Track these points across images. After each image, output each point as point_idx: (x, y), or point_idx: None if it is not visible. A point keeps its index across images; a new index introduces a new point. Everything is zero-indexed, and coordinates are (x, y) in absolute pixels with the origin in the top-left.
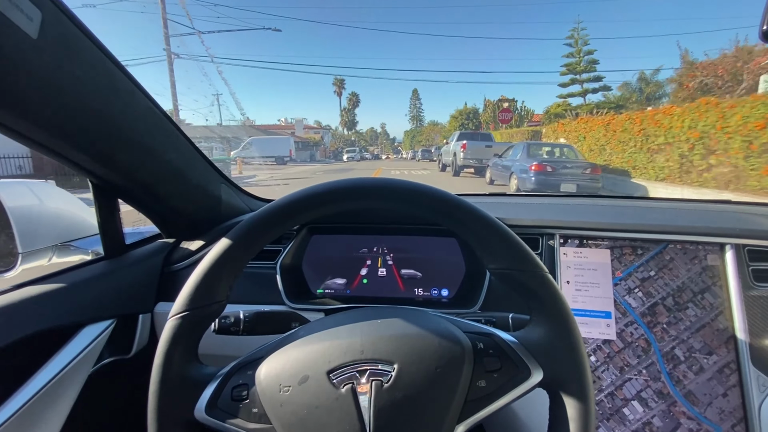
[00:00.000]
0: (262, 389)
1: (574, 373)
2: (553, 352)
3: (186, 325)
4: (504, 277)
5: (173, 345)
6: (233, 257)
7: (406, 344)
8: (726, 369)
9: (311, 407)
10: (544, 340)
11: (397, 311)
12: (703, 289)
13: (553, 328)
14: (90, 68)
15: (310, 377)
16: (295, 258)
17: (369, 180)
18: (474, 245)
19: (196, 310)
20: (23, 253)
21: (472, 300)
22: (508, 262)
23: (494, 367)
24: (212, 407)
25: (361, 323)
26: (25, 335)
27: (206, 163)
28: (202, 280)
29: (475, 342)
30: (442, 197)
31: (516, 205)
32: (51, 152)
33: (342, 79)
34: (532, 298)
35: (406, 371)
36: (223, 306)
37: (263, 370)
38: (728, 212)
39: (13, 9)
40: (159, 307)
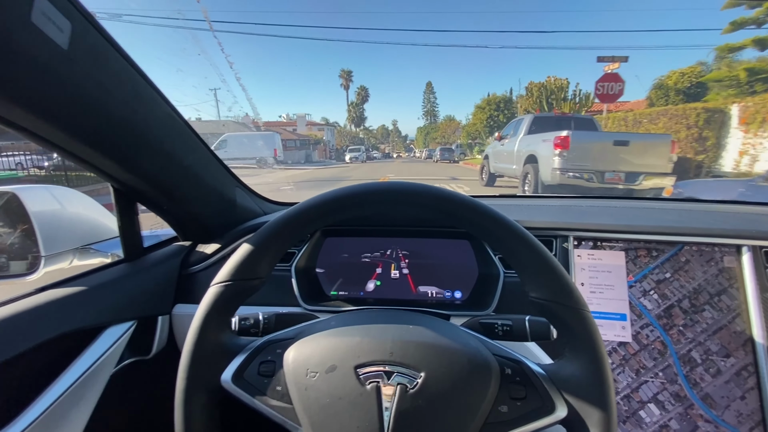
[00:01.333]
0: (289, 370)
1: (601, 418)
2: (582, 393)
3: (227, 293)
4: (543, 307)
5: (211, 311)
6: (281, 237)
7: (435, 355)
8: (744, 371)
9: (335, 397)
10: (574, 379)
11: (430, 320)
12: (720, 291)
13: (586, 368)
14: (116, 77)
15: (338, 368)
16: (310, 260)
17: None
18: (517, 269)
19: (238, 281)
20: (46, 256)
21: (485, 302)
22: (550, 294)
23: (519, 395)
24: (238, 377)
25: (394, 325)
26: (52, 337)
27: (222, 167)
28: (250, 254)
29: (503, 367)
30: (495, 218)
31: (529, 207)
32: (77, 158)
33: (349, 71)
34: (569, 334)
35: (432, 382)
36: (263, 283)
37: (293, 352)
38: (744, 213)
39: (46, 21)
40: (177, 308)
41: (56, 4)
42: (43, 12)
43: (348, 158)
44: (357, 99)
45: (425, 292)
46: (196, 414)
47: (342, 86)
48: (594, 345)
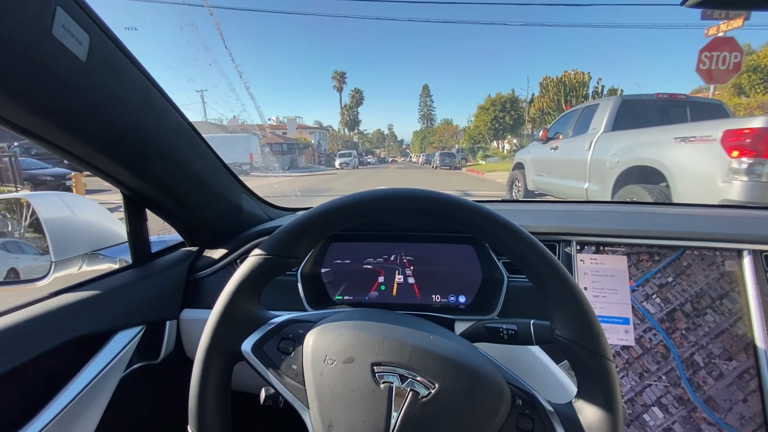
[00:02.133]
0: (308, 352)
1: None
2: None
3: (264, 266)
4: (566, 347)
5: (246, 280)
6: (323, 224)
7: (452, 370)
8: (746, 374)
9: (347, 388)
10: (584, 424)
11: (451, 335)
12: (722, 295)
13: (598, 416)
14: (130, 87)
15: (355, 360)
16: (315, 265)
17: (460, 201)
18: (547, 304)
19: (276, 257)
20: (56, 261)
21: (490, 306)
22: (576, 336)
23: (526, 427)
24: (258, 348)
25: (415, 331)
26: (64, 341)
27: (229, 173)
28: (293, 233)
29: (515, 396)
30: (535, 248)
31: (532, 212)
32: (90, 165)
33: (343, 72)
34: (587, 378)
35: (444, 396)
36: (298, 263)
37: (314, 335)
38: (745, 217)
39: (66, 34)
40: (184, 313)
41: (75, 17)
42: (63, 25)
43: (338, 164)
44: (351, 102)
45: (430, 296)
46: (213, 374)
47: (335, 88)
48: (611, 396)
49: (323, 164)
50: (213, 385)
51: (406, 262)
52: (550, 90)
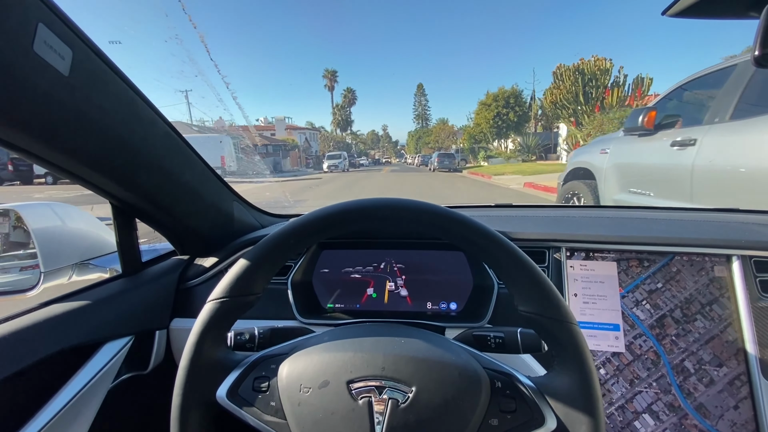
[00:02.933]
0: (283, 385)
1: (589, 430)
2: (571, 405)
3: (223, 310)
4: (532, 321)
5: (208, 327)
6: (276, 254)
7: (426, 369)
8: (737, 381)
9: (327, 412)
10: (563, 391)
11: (421, 333)
12: (711, 300)
13: (574, 381)
14: (115, 100)
15: (330, 383)
16: (306, 273)
17: (413, 203)
18: (506, 283)
19: (234, 298)
20: (45, 272)
21: (480, 314)
22: (539, 308)
23: (509, 408)
24: (233, 393)
25: (385, 339)
26: (51, 353)
27: (219, 182)
28: (245, 271)
29: (493, 380)
30: (483, 232)
31: (522, 218)
32: (77, 177)
33: (334, 71)
34: (557, 347)
35: (423, 396)
36: (258, 299)
37: (286, 367)
38: (735, 222)
39: (47, 50)
40: (175, 323)
41: (58, 32)
42: (45, 41)
43: (326, 166)
44: (343, 101)
45: (421, 304)
46: (191, 430)
47: (326, 87)
48: (582, 358)
49: (311, 167)
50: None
51: (397, 269)
52: (566, 80)
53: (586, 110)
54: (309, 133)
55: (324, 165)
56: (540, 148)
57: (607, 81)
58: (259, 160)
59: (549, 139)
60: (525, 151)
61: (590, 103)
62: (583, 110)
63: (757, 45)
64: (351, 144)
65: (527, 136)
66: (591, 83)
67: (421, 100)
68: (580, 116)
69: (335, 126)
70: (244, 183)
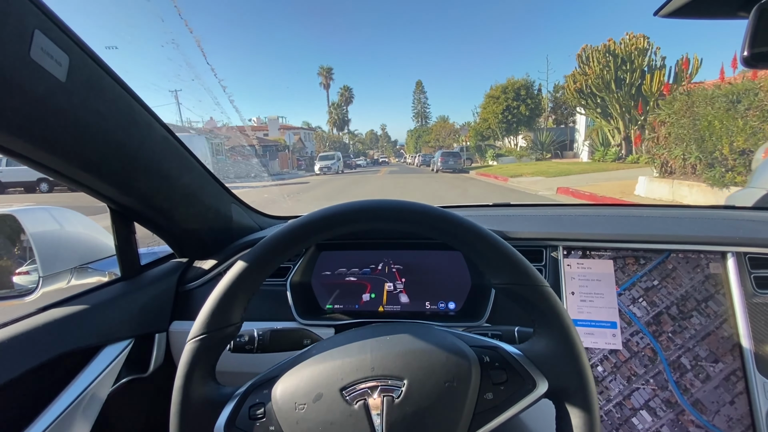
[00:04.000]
0: (278, 407)
1: (578, 382)
2: (557, 363)
3: (204, 347)
4: (507, 291)
5: (192, 367)
6: (247, 280)
7: (414, 360)
8: (732, 376)
9: (326, 423)
10: (547, 352)
11: (405, 326)
12: (707, 297)
13: (556, 339)
14: (112, 104)
15: (324, 395)
16: (305, 275)
17: (375, 202)
18: (477, 262)
19: (213, 332)
20: (44, 276)
21: (478, 313)
22: (510, 277)
23: (500, 379)
24: (230, 427)
25: (371, 340)
26: (51, 357)
27: (217, 184)
28: (218, 303)
29: (481, 355)
30: (443, 217)
31: (520, 217)
32: (75, 182)
33: (329, 68)
34: (534, 311)
35: (416, 386)
36: (238, 328)
37: (279, 389)
38: (729, 219)
39: (44, 57)
40: (174, 326)
41: (54, 39)
42: (42, 48)
43: (317, 168)
44: (340, 100)
45: (420, 304)
46: None
47: (321, 85)
48: (558, 316)
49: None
50: None
51: (395, 270)
52: (594, 63)
53: (619, 98)
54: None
55: (316, 167)
56: (555, 145)
57: (644, 63)
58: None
59: (564, 134)
60: (538, 149)
61: (623, 90)
62: (615, 99)
63: (745, 45)
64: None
65: (540, 132)
66: (624, 66)
67: (420, 98)
68: (610, 106)
69: (331, 125)
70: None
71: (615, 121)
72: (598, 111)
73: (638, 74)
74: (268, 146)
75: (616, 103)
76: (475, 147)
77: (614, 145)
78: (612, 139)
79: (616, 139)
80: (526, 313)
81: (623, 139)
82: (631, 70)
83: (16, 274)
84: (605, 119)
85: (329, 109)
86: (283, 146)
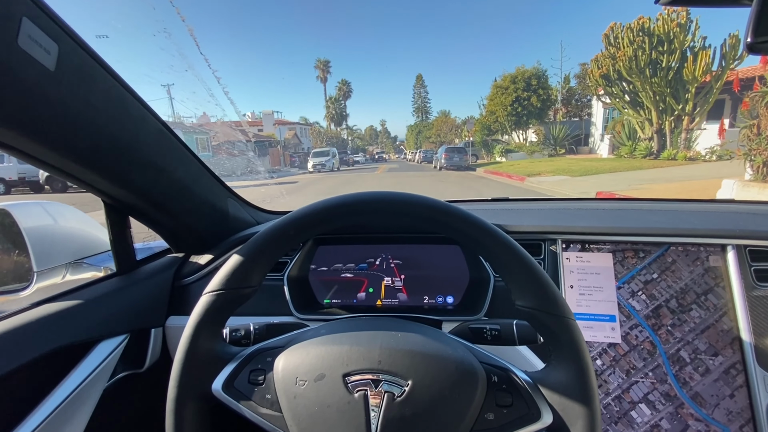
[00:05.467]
0: (279, 378)
1: (585, 425)
2: (567, 400)
3: (219, 302)
4: (530, 316)
5: (204, 319)
6: (272, 247)
7: (422, 363)
8: (732, 370)
9: (323, 405)
10: (559, 386)
11: (418, 327)
12: (707, 290)
13: (571, 375)
14: (104, 95)
15: (326, 376)
16: (302, 269)
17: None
18: (504, 277)
19: (230, 290)
20: (38, 271)
21: (477, 307)
22: (536, 302)
23: (505, 402)
24: (229, 386)
25: (382, 333)
26: (44, 352)
27: (213, 178)
28: (242, 263)
29: (490, 374)
30: (483, 228)
31: (518, 210)
32: (67, 175)
33: (326, 61)
34: (554, 341)
35: (419, 390)
36: (255, 291)
37: (282, 360)
38: (729, 212)
39: (33, 45)
40: (170, 321)
41: (43, 27)
42: (30, 36)
43: (311, 166)
44: (338, 94)
45: (419, 298)
46: (187, 422)
47: (318, 78)
48: (579, 353)
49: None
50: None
51: (394, 264)
52: (625, 44)
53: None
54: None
55: (309, 164)
56: (569, 140)
57: (686, 42)
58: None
59: (579, 128)
60: (550, 144)
61: (658, 75)
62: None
63: (749, 32)
64: (347, 140)
65: (553, 125)
66: (660, 47)
67: (420, 92)
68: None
69: (329, 120)
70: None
71: (646, 112)
72: (626, 100)
73: (677, 56)
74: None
75: (650, 90)
76: (481, 142)
77: (644, 139)
78: (641, 132)
79: (647, 131)
80: (545, 340)
81: (655, 132)
82: (669, 52)
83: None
84: (634, 109)
85: (326, 104)
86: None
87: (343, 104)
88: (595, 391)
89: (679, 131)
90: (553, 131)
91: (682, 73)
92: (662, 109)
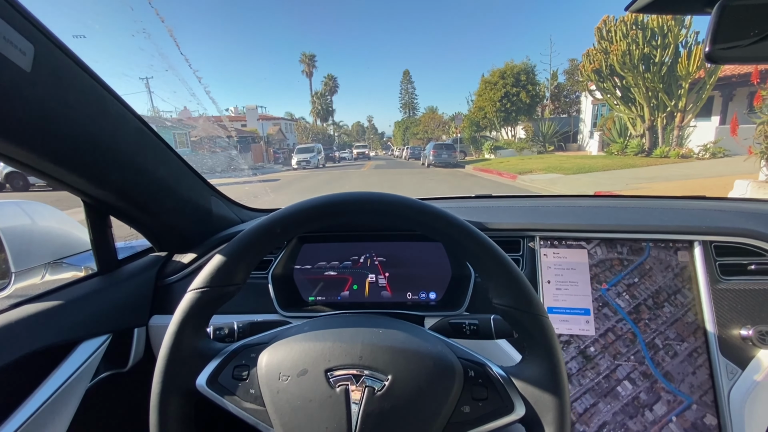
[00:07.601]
0: (262, 373)
1: (554, 416)
2: (539, 393)
3: (203, 300)
4: (505, 313)
5: (188, 316)
6: (257, 245)
7: (402, 359)
8: (694, 353)
9: (305, 400)
10: (532, 381)
11: (399, 324)
12: (676, 291)
13: (543, 371)
14: (81, 95)
15: (309, 371)
16: (287, 267)
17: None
18: (482, 276)
19: (215, 288)
20: (16, 272)
21: (458, 302)
22: (512, 301)
23: (481, 396)
24: (213, 381)
25: (364, 329)
26: (24, 354)
27: (195, 176)
28: (227, 261)
29: (467, 369)
30: (461, 228)
31: (498, 208)
32: (45, 175)
33: (312, 55)
34: (529, 338)
35: (399, 384)
36: (238, 289)
37: (266, 356)
38: (698, 209)
39: (7, 45)
40: (154, 320)
41: (17, 27)
42: (3, 36)
43: (295, 162)
44: (324, 89)
45: (402, 294)
46: (171, 417)
47: (304, 73)
48: (551, 349)
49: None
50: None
51: (378, 261)
52: (618, 38)
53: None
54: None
55: (293, 160)
56: (558, 136)
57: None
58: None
59: (568, 124)
60: (539, 140)
61: (651, 71)
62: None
63: (707, 42)
64: (334, 136)
65: (542, 122)
66: (654, 41)
67: (407, 88)
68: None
69: (315, 116)
70: None
71: (638, 108)
72: (618, 96)
73: (671, 50)
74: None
75: (642, 85)
76: (469, 138)
77: (635, 136)
78: (633, 128)
79: (638, 128)
80: (520, 337)
81: (647, 129)
82: (663, 46)
83: None
84: (626, 105)
85: (312, 99)
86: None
87: (329, 99)
88: (566, 384)
89: (672, 128)
90: (542, 128)
91: (676, 69)
92: (654, 106)
